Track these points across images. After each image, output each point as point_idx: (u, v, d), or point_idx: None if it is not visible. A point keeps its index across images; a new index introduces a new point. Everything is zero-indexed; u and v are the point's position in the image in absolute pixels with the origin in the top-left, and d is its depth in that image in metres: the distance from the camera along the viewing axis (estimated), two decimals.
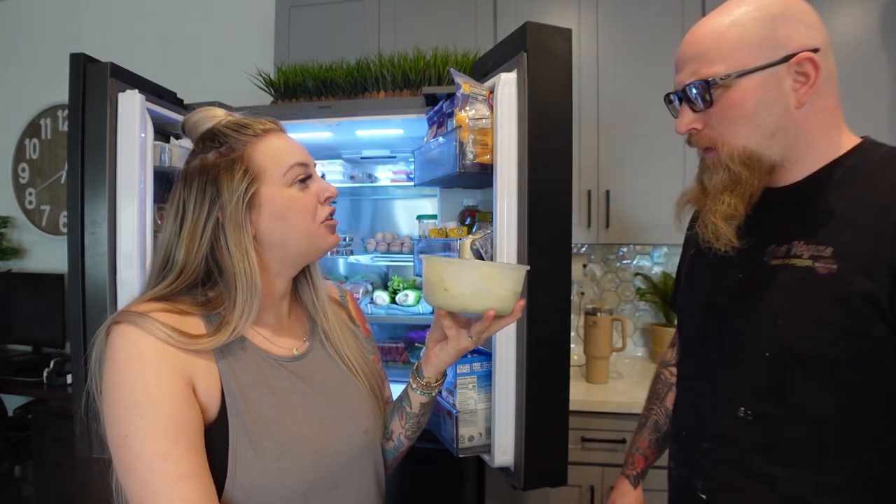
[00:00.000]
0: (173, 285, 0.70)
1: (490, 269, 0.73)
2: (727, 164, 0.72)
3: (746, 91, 0.69)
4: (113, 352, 0.64)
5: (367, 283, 2.00)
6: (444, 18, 2.04)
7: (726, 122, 0.71)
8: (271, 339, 0.77)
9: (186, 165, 0.75)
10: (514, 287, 0.74)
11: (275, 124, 0.77)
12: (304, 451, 0.71)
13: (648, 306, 2.28)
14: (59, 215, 2.77)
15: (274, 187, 0.72)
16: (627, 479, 1.02)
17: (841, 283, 0.66)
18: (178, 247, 0.71)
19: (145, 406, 0.61)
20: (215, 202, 0.70)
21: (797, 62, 0.68)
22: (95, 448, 1.27)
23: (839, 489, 0.68)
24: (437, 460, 0.90)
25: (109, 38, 2.67)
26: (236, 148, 0.72)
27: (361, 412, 0.80)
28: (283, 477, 0.68)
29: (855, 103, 1.72)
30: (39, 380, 2.29)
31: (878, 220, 0.65)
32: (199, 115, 0.77)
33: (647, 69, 1.90)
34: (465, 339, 0.78)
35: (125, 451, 0.60)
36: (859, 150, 0.73)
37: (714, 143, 0.73)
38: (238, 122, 0.75)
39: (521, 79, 1.15)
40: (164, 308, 0.68)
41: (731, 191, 0.73)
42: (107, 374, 0.63)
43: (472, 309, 0.73)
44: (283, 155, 0.74)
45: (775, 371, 0.71)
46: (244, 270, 0.70)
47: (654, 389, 1.05)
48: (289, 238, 0.74)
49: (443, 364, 0.83)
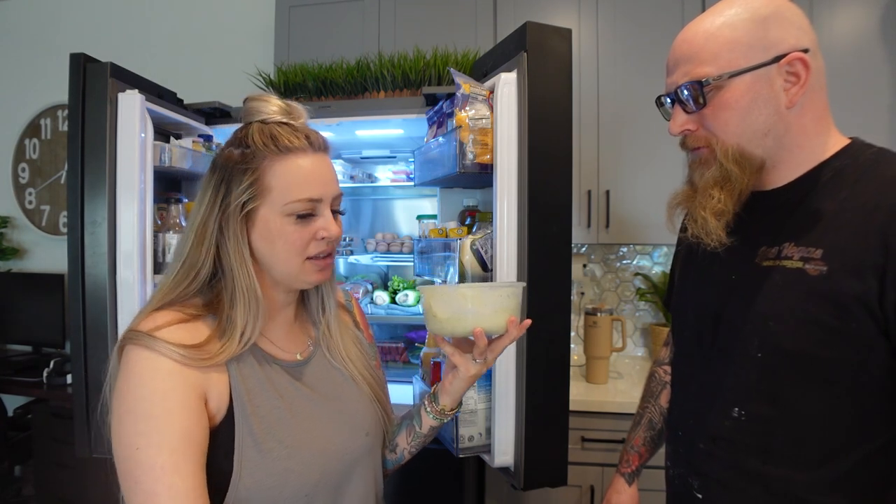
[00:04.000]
0: (187, 288, 0.70)
1: (470, 290, 0.75)
2: (721, 160, 0.72)
3: (738, 91, 0.70)
4: (127, 367, 0.64)
5: (367, 283, 2.00)
6: (444, 18, 2.04)
7: (719, 121, 0.72)
8: (277, 344, 0.78)
9: (220, 150, 0.74)
10: (498, 305, 0.75)
11: (307, 141, 0.72)
12: (309, 453, 0.71)
13: (648, 306, 2.28)
14: (59, 215, 2.77)
15: (271, 211, 0.70)
16: (622, 477, 1.03)
17: (831, 284, 0.66)
18: (189, 234, 0.71)
19: (160, 419, 0.62)
20: (224, 200, 0.70)
21: (788, 62, 0.69)
22: (95, 448, 1.27)
23: (832, 487, 0.69)
24: (437, 460, 0.90)
25: (109, 38, 2.67)
26: (256, 157, 0.70)
27: (363, 416, 0.81)
28: (287, 478, 0.68)
29: (855, 103, 1.74)
30: (39, 380, 2.29)
31: (866, 222, 0.66)
32: (254, 104, 0.74)
33: (647, 69, 1.91)
34: (472, 365, 0.79)
35: (133, 463, 0.60)
36: (848, 150, 0.73)
37: (707, 143, 0.74)
38: (271, 130, 0.71)
39: (521, 79, 1.15)
40: (175, 319, 0.68)
41: (722, 187, 0.73)
42: (120, 388, 0.64)
43: (460, 331, 0.76)
44: (294, 184, 0.70)
45: (768, 372, 0.72)
46: (242, 278, 0.70)
47: (649, 388, 1.06)
48: (273, 263, 0.73)
49: (457, 392, 0.84)
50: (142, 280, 1.29)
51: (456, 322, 0.75)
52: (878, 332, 0.65)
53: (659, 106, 0.81)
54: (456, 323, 0.75)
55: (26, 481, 2.62)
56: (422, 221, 1.77)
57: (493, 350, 0.79)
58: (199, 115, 1.61)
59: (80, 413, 1.28)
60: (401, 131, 1.67)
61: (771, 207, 0.76)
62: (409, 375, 1.58)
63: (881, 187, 0.67)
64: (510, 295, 0.77)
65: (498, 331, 0.77)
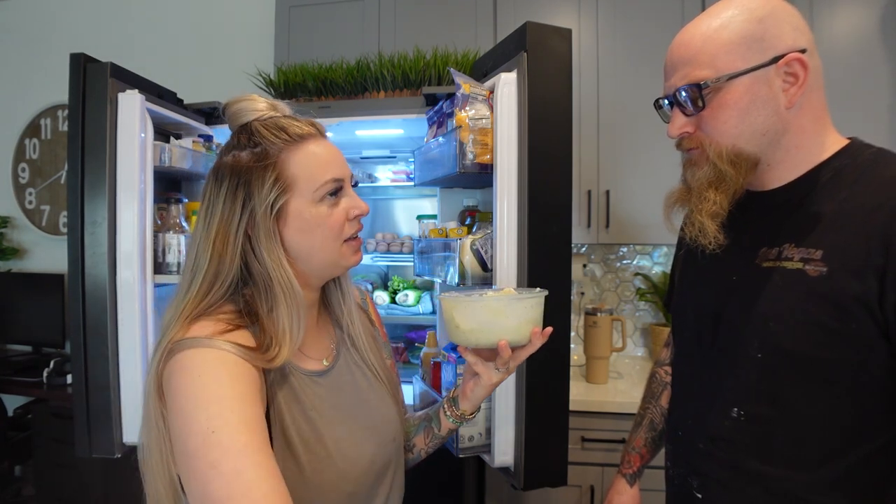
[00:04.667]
0: (210, 297, 0.67)
1: (496, 302, 0.74)
2: (714, 161, 0.72)
3: (737, 93, 0.70)
4: (186, 366, 0.60)
5: (367, 283, 2.01)
6: (444, 18, 2.04)
7: (718, 123, 0.72)
8: (304, 350, 0.76)
9: (220, 159, 0.71)
10: (524, 317, 0.74)
11: (314, 127, 0.73)
12: (344, 464, 0.71)
13: (648, 306, 2.28)
14: (59, 215, 2.77)
15: (303, 201, 0.69)
16: (624, 478, 1.03)
17: (831, 285, 0.67)
18: (205, 247, 0.68)
19: (234, 400, 0.58)
20: (246, 206, 0.67)
21: (786, 63, 0.69)
22: (95, 448, 1.27)
23: (832, 487, 0.69)
24: (437, 460, 0.91)
25: (109, 38, 2.67)
26: (271, 153, 0.68)
27: (390, 421, 0.81)
28: (323, 490, 0.68)
29: (855, 103, 1.74)
30: (39, 380, 2.29)
31: (865, 222, 0.66)
32: (240, 105, 0.73)
33: (647, 69, 1.90)
34: (495, 373, 0.79)
35: (209, 448, 0.55)
36: (847, 150, 0.73)
37: (702, 144, 0.74)
38: (277, 123, 0.71)
39: (521, 79, 1.15)
40: (220, 329, 0.64)
41: (716, 187, 0.73)
42: (180, 384, 0.59)
43: (484, 343, 0.75)
44: (318, 168, 0.70)
45: (768, 372, 0.72)
46: (281, 279, 0.67)
47: (650, 388, 1.06)
48: (312, 253, 0.71)
49: (478, 399, 0.84)
50: (142, 280, 1.29)
51: (480, 334, 0.74)
52: (878, 332, 0.65)
53: (657, 108, 0.81)
54: (480, 335, 0.74)
55: (26, 481, 2.63)
56: (422, 221, 1.77)
57: (515, 359, 0.78)
58: (199, 115, 1.61)
59: (80, 413, 1.27)
60: (401, 131, 1.67)
61: (770, 208, 0.76)
62: (410, 375, 1.58)
63: (881, 188, 0.67)
64: (534, 305, 0.76)
65: (522, 342, 0.76)
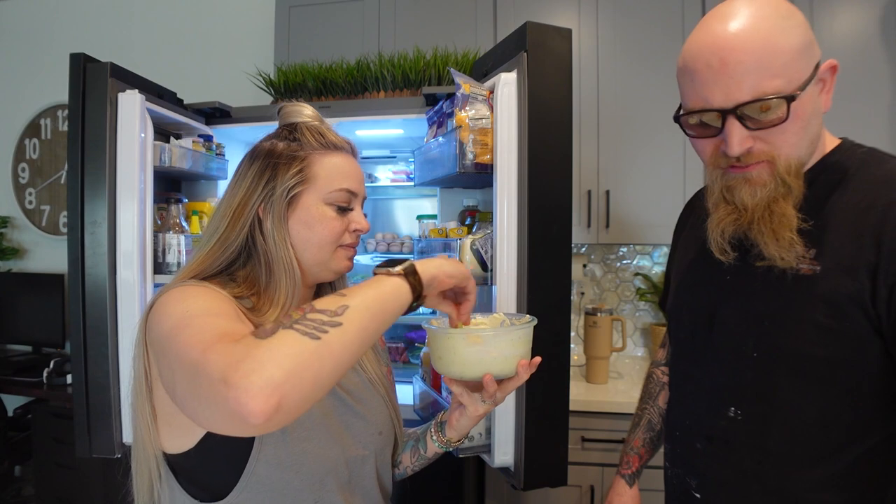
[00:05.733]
0: (216, 260, 0.74)
1: (479, 335, 0.71)
2: (782, 175, 0.67)
3: (806, 102, 0.66)
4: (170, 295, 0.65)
5: None
6: (444, 18, 2.05)
7: (788, 136, 0.67)
8: None
9: (260, 142, 0.79)
10: (509, 350, 0.71)
11: (348, 145, 0.82)
12: (327, 439, 0.73)
13: (648, 306, 2.28)
14: (59, 215, 2.77)
15: (315, 197, 0.76)
16: (623, 479, 1.03)
17: (825, 283, 0.67)
18: (224, 213, 0.75)
19: (214, 300, 0.64)
20: (268, 185, 0.74)
21: (826, 68, 0.68)
22: (95, 448, 1.27)
23: (828, 485, 0.69)
24: (437, 460, 0.91)
25: (109, 38, 2.67)
26: (304, 148, 0.77)
27: (377, 415, 0.83)
28: (304, 459, 0.71)
29: (855, 103, 1.74)
30: (39, 380, 2.29)
31: (858, 222, 0.66)
32: (294, 108, 0.83)
33: (647, 69, 1.90)
34: (481, 405, 0.78)
35: (183, 325, 0.58)
36: (839, 150, 0.73)
37: (769, 157, 0.68)
38: (318, 129, 0.80)
39: (521, 79, 1.15)
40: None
41: (784, 200, 0.69)
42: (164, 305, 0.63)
43: (469, 376, 0.72)
44: (338, 175, 0.78)
45: (763, 371, 0.72)
46: (284, 258, 0.74)
47: (647, 389, 1.06)
48: (307, 248, 0.76)
49: (464, 429, 0.85)
50: (142, 280, 1.29)
51: (464, 367, 0.71)
52: (871, 330, 0.65)
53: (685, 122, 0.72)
54: (464, 368, 0.71)
55: (26, 481, 2.63)
56: (422, 221, 1.77)
57: (502, 390, 0.77)
58: (199, 115, 1.61)
59: (80, 413, 1.27)
60: (401, 131, 1.67)
61: None
62: (409, 375, 1.58)
63: (872, 187, 0.68)
64: (521, 338, 0.73)
65: (508, 375, 0.73)
